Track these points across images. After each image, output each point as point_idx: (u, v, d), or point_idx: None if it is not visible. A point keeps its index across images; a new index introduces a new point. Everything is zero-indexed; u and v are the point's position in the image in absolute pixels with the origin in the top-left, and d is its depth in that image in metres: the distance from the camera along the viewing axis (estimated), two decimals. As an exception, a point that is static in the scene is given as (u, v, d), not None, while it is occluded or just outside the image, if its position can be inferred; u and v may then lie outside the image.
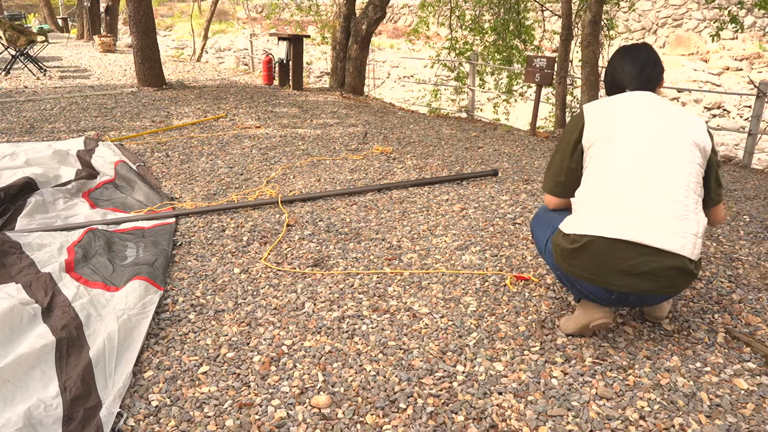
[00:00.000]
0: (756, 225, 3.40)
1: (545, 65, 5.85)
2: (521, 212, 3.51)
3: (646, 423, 1.73)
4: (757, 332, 2.22)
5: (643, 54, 2.11)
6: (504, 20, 10.64)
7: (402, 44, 22.47)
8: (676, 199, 1.89)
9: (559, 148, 2.16)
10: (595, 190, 1.98)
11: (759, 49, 18.89)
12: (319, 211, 3.51)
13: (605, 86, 2.23)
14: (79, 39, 17.78)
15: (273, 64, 9.25)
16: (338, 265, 2.79)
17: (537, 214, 2.36)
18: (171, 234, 3.07)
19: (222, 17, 28.95)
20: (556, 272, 2.15)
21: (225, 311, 2.36)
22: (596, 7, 6.02)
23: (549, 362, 2.02)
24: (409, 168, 4.51)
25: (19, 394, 1.76)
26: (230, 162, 4.59)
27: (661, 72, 2.12)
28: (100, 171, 4.08)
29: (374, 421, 1.73)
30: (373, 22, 8.64)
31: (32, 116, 6.04)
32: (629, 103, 2.04)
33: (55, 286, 2.37)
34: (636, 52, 2.12)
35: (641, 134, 1.96)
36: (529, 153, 5.19)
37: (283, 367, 1.99)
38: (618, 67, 2.14)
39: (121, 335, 2.05)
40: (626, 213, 1.89)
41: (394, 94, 15.69)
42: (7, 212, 3.22)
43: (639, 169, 1.93)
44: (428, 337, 2.17)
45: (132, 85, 8.46)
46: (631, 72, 2.10)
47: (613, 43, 9.86)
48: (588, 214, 1.96)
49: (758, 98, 5.51)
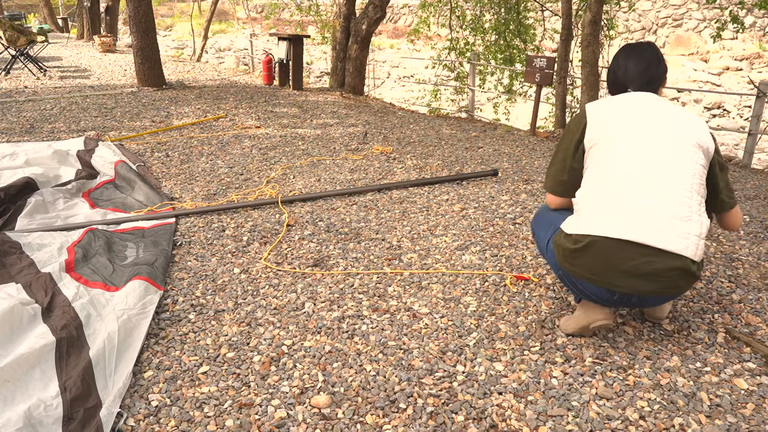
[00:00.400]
0: (756, 225, 3.40)
1: (545, 65, 5.85)
2: (521, 212, 3.51)
3: (646, 423, 1.73)
4: (757, 332, 2.22)
5: (647, 53, 2.11)
6: (505, 20, 10.65)
7: (402, 44, 22.47)
8: (679, 200, 1.89)
9: (561, 147, 2.16)
10: (598, 191, 1.98)
11: (759, 49, 18.89)
12: (319, 211, 3.51)
13: (608, 84, 2.23)
14: (79, 39, 17.78)
15: (273, 64, 9.25)
16: (338, 265, 2.79)
17: (538, 214, 2.36)
18: (171, 234, 3.07)
19: (222, 17, 28.95)
20: (557, 272, 2.15)
21: (225, 311, 2.36)
22: (596, 7, 6.02)
23: (549, 362, 2.02)
24: (409, 168, 4.51)
25: (19, 394, 1.76)
26: (230, 162, 4.59)
27: (664, 72, 2.12)
28: (100, 171, 4.08)
29: (374, 421, 1.73)
30: (373, 22, 8.64)
31: (32, 116, 6.04)
32: (631, 104, 2.04)
33: (55, 286, 2.37)
34: (640, 50, 2.13)
35: (643, 135, 1.96)
36: (529, 153, 5.19)
37: (283, 367, 1.99)
38: (622, 66, 2.14)
39: (121, 335, 2.05)
40: (629, 213, 1.89)
41: (394, 94, 15.69)
42: (7, 212, 3.22)
43: (641, 169, 1.93)
44: (428, 337, 2.17)
45: (132, 85, 8.46)
46: (634, 71, 2.10)
47: (613, 43, 9.86)
48: (590, 214, 1.96)
49: (758, 98, 5.51)
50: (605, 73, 2.32)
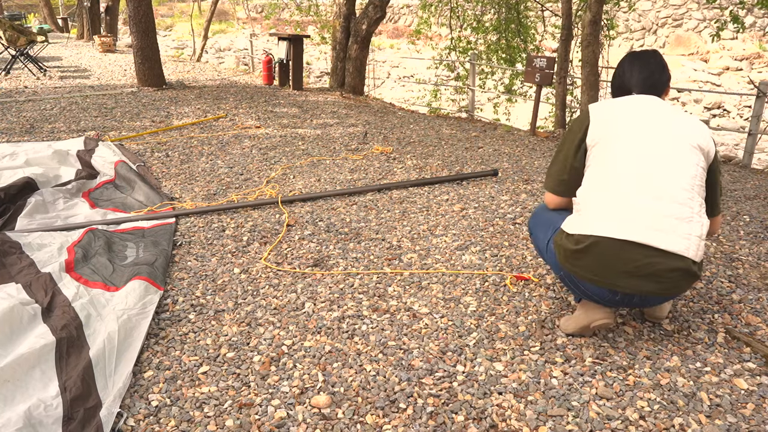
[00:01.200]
0: (756, 225, 3.40)
1: (545, 65, 5.85)
2: (521, 212, 3.51)
3: (646, 423, 1.73)
4: (757, 332, 2.22)
5: (652, 61, 2.13)
6: (505, 19, 10.65)
7: (402, 44, 22.48)
8: (681, 201, 1.89)
9: (563, 147, 2.16)
10: (599, 190, 1.98)
11: (759, 49, 18.89)
12: (319, 211, 3.51)
13: (612, 89, 2.25)
14: (79, 39, 17.78)
15: (273, 64, 9.25)
16: (338, 265, 2.79)
17: (536, 214, 2.36)
18: (171, 234, 3.07)
19: (222, 17, 28.95)
20: (558, 273, 2.15)
21: (225, 311, 2.36)
22: (596, 7, 6.02)
23: (549, 362, 2.02)
24: (409, 168, 4.51)
25: (19, 394, 1.76)
26: (230, 162, 4.59)
27: (668, 79, 2.14)
28: (100, 171, 4.08)
29: (374, 421, 1.73)
30: (373, 22, 8.64)
31: (32, 116, 6.04)
32: (634, 105, 2.05)
33: (55, 286, 2.37)
34: (645, 58, 2.15)
35: (646, 135, 1.97)
36: (529, 153, 5.19)
37: (283, 367, 1.99)
38: (626, 72, 2.16)
39: (121, 335, 2.05)
40: (632, 214, 1.89)
41: (394, 94, 15.69)
42: (7, 212, 3.22)
43: (643, 170, 1.93)
44: (428, 337, 2.17)
45: (132, 85, 8.46)
46: (639, 78, 2.12)
47: (613, 43, 9.86)
48: (592, 214, 1.96)
49: (758, 98, 5.51)
50: (605, 73, 2.33)
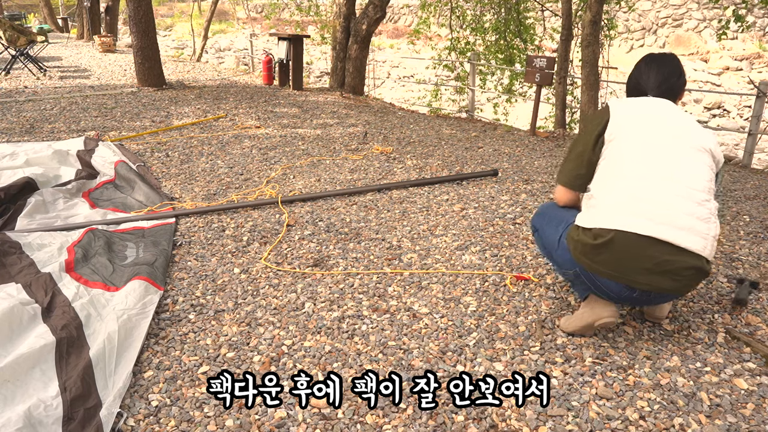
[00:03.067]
0: (756, 225, 3.40)
1: (545, 65, 5.85)
2: (521, 212, 3.51)
3: (646, 423, 1.73)
4: (757, 332, 2.22)
5: (669, 64, 2.15)
6: (505, 19, 10.65)
7: (402, 44, 22.47)
8: (699, 201, 1.92)
9: (579, 141, 2.15)
10: (618, 185, 1.98)
11: (759, 49, 18.89)
12: (319, 211, 3.51)
13: (627, 89, 2.26)
14: (79, 39, 17.77)
15: (273, 64, 9.25)
16: (338, 265, 2.79)
17: (542, 212, 2.34)
18: (171, 234, 3.07)
19: (222, 17, 28.94)
20: (570, 269, 2.10)
21: (225, 311, 2.36)
22: (596, 7, 6.02)
23: (549, 362, 2.02)
24: (409, 168, 4.51)
25: (19, 394, 1.76)
26: (230, 162, 4.59)
27: (683, 84, 2.16)
28: (100, 171, 4.08)
29: (374, 421, 1.73)
30: (373, 22, 8.64)
31: (32, 116, 6.04)
32: (652, 106, 2.08)
33: (55, 286, 2.37)
34: (662, 61, 2.16)
35: (664, 135, 2.00)
36: (529, 153, 5.19)
37: (283, 367, 1.99)
38: (643, 74, 2.17)
39: (121, 335, 2.05)
40: (655, 210, 1.90)
41: (394, 94, 15.69)
42: (7, 212, 3.22)
43: (664, 167, 1.95)
44: (428, 337, 2.17)
45: (132, 85, 8.46)
46: (655, 80, 2.13)
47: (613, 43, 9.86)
48: (611, 208, 1.96)
49: (758, 98, 5.50)
50: (605, 73, 2.33)
